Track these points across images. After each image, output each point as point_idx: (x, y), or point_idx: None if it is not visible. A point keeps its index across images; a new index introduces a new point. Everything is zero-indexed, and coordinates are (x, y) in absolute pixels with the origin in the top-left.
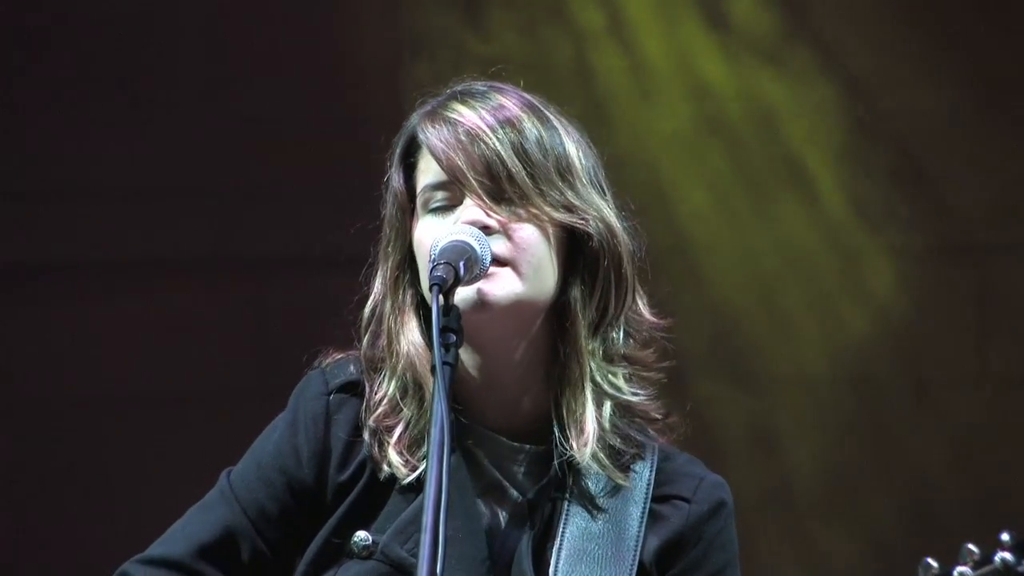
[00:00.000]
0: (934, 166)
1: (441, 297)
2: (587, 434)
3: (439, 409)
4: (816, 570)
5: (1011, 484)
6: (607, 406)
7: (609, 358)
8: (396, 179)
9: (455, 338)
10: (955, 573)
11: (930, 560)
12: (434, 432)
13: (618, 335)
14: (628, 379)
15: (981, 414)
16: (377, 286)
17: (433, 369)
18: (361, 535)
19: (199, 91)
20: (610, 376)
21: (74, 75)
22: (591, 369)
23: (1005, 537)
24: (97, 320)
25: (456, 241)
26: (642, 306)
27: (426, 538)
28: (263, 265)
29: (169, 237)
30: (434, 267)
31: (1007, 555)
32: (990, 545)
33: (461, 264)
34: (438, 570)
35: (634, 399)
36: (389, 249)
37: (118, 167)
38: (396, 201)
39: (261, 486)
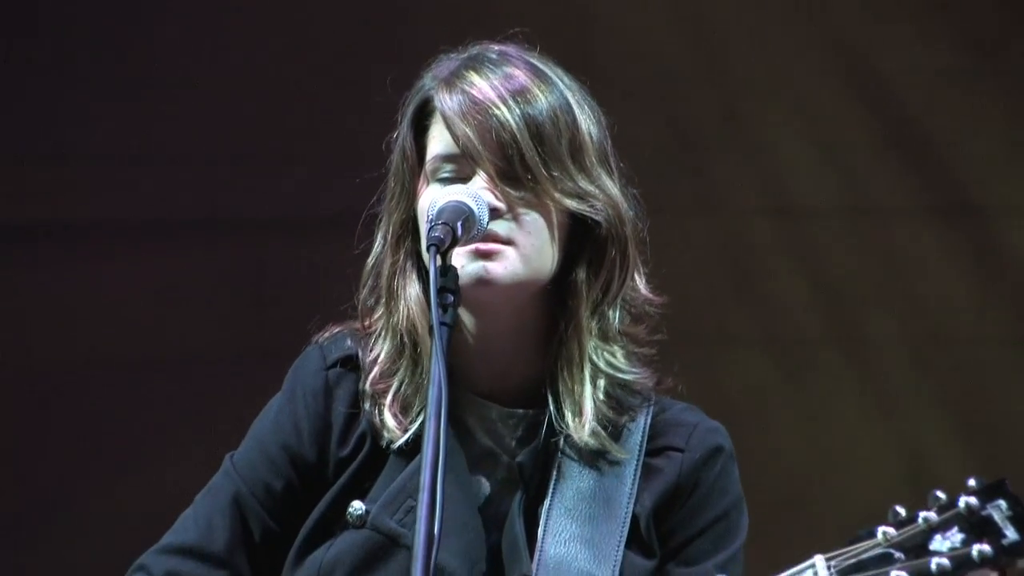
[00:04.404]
0: (930, 128)
1: (439, 257)
2: (585, 414)
3: (437, 369)
4: (808, 536)
5: (1010, 446)
6: (602, 382)
7: (605, 336)
8: (407, 138)
9: (453, 298)
10: (920, 517)
11: (898, 507)
12: (432, 391)
13: (615, 313)
14: (625, 357)
15: (981, 373)
16: (378, 241)
17: (431, 330)
18: (356, 505)
19: (196, 53)
20: (606, 354)
21: (71, 38)
22: (590, 348)
23: (972, 483)
24: (97, 282)
25: (454, 202)
26: (640, 282)
27: (424, 497)
28: (261, 226)
29: (167, 199)
30: (432, 227)
31: (972, 499)
32: (956, 490)
33: (459, 224)
34: (435, 529)
35: (629, 377)
36: (393, 204)
37: (114, 129)
38: (405, 160)
39: (264, 465)
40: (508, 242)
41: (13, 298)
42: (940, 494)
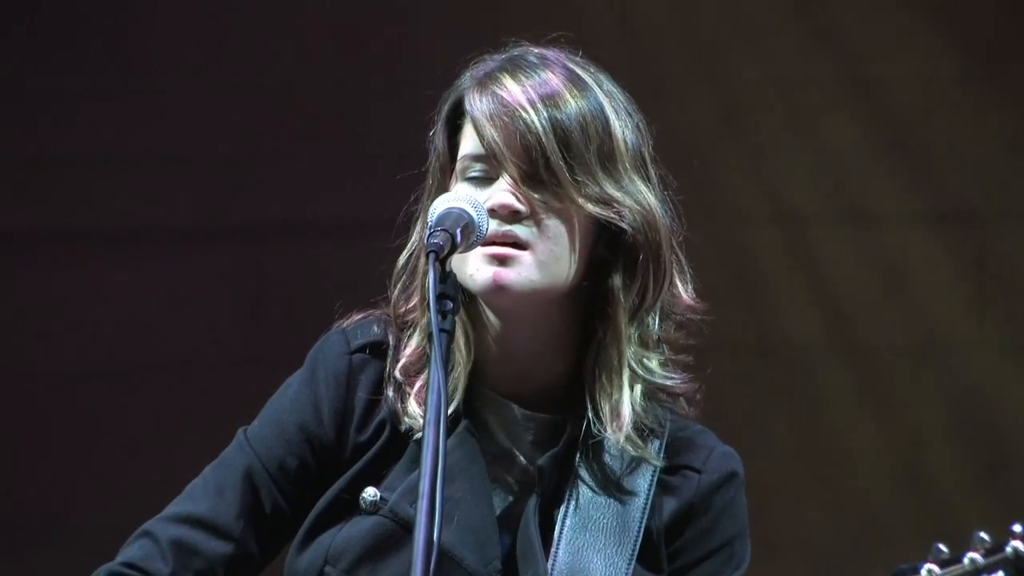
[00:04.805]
0: (929, 134)
1: (438, 264)
2: (624, 418)
3: (436, 376)
4: (806, 539)
5: (1008, 453)
6: (639, 388)
7: (644, 343)
8: (440, 137)
9: (452, 305)
10: (966, 559)
11: (940, 546)
12: (431, 398)
13: (654, 319)
14: (663, 363)
15: (980, 379)
16: (414, 239)
17: (430, 336)
18: (370, 491)
19: (195, 53)
20: (644, 360)
21: (69, 39)
22: (628, 355)
23: (1017, 528)
24: (96, 286)
25: (453, 208)
26: (681, 288)
27: (423, 504)
28: (260, 229)
29: (166, 201)
30: (431, 234)
31: (1020, 544)
32: (1002, 534)
33: (458, 231)
34: (435, 536)
35: (667, 383)
36: (428, 202)
37: (113, 131)
38: (438, 158)
39: (280, 442)
40: (526, 246)
41: (13, 300)
42: (985, 536)
